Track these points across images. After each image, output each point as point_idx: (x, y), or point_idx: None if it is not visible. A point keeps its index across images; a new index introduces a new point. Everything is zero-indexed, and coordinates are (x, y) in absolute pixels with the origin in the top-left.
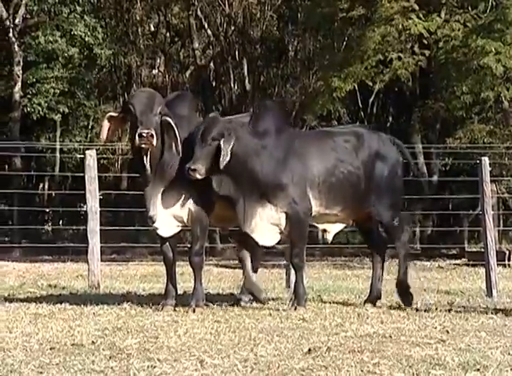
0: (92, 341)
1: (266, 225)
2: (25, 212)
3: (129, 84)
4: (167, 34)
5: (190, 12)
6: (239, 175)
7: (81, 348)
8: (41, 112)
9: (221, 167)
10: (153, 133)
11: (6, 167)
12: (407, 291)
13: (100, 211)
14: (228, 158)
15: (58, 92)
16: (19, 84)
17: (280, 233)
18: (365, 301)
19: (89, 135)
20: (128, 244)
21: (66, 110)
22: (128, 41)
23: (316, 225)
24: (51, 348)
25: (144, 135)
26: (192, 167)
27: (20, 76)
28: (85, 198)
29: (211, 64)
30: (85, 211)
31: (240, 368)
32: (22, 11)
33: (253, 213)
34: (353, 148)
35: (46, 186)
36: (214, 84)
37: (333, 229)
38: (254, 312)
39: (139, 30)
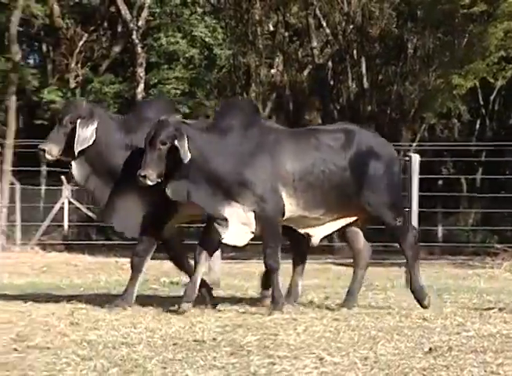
0: (213, 338)
1: (235, 224)
2: None
3: (248, 84)
4: (286, 34)
5: (309, 12)
6: (197, 176)
7: (203, 344)
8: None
9: (185, 162)
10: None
11: None
12: (422, 292)
13: None
14: (189, 155)
15: (179, 92)
16: (141, 85)
17: (252, 233)
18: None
19: None
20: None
21: (187, 110)
22: (247, 42)
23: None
24: (174, 344)
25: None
26: (142, 173)
27: (143, 77)
28: None
29: (329, 63)
30: None
31: (360, 366)
32: (145, 13)
33: (220, 213)
34: (340, 146)
35: None
36: (332, 82)
37: (317, 233)
38: (374, 311)
39: (258, 30)
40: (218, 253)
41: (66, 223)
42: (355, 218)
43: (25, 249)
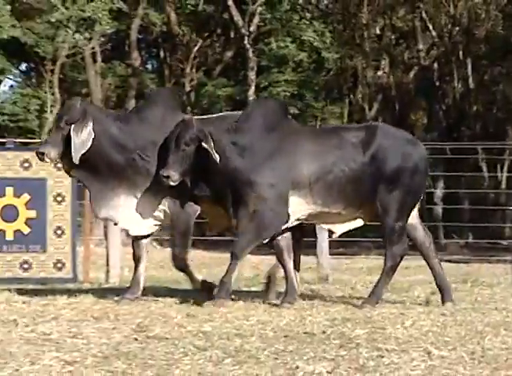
0: (323, 331)
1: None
2: None
3: (355, 86)
4: (392, 37)
5: (415, 15)
6: (216, 175)
7: (313, 336)
8: None
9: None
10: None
11: None
12: (377, 298)
13: None
14: (218, 157)
15: (288, 94)
16: (252, 87)
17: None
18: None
19: None
20: (354, 239)
21: (296, 112)
22: (354, 45)
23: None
24: (285, 336)
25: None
26: (165, 174)
27: (254, 80)
28: None
29: (435, 64)
30: None
31: (467, 360)
32: (256, 19)
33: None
34: (361, 143)
35: None
36: (437, 83)
37: (340, 229)
38: (480, 306)
39: (365, 33)
40: (326, 249)
41: None
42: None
43: None
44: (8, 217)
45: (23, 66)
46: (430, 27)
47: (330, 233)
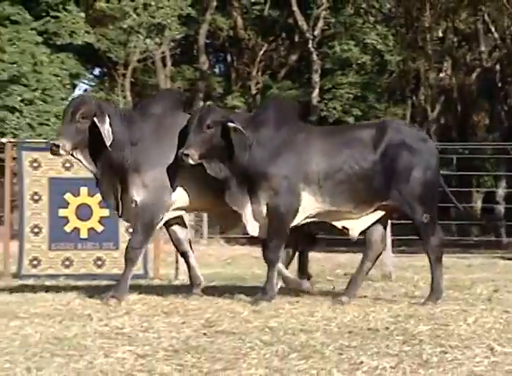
0: (386, 327)
1: (255, 215)
2: None
3: (417, 87)
4: (455, 39)
5: (477, 17)
6: (231, 164)
7: (376, 332)
8: (336, 115)
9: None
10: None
11: None
12: (438, 295)
13: None
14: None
15: (351, 96)
16: (316, 90)
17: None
18: None
19: None
20: (417, 237)
21: (359, 113)
22: (416, 47)
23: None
24: (349, 332)
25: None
26: (186, 152)
27: (318, 83)
28: None
29: (497, 66)
30: None
31: None
32: (320, 23)
33: (245, 204)
34: (371, 141)
35: None
36: (499, 85)
37: (355, 227)
38: None
39: (427, 36)
40: (388, 247)
41: None
42: (388, 212)
43: (211, 242)
44: (82, 216)
45: (97, 71)
46: (493, 29)
47: (346, 230)
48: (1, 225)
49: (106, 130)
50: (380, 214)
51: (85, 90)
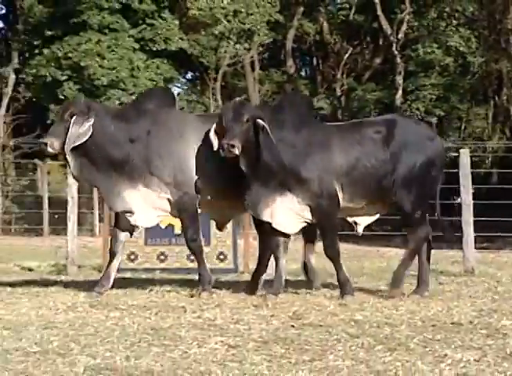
0: (470, 321)
1: (287, 212)
2: None
3: (500, 88)
4: None
5: None
6: (264, 161)
7: (460, 326)
8: (419, 115)
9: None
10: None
11: None
12: (398, 284)
13: (473, 204)
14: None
15: (434, 97)
16: (400, 91)
17: (304, 222)
18: None
19: (462, 136)
20: (499, 234)
21: (442, 113)
22: (499, 49)
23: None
24: (433, 326)
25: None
26: (231, 142)
27: (401, 84)
28: (459, 192)
29: None
30: (459, 204)
31: None
32: (404, 27)
33: (272, 199)
34: (381, 138)
35: None
36: None
37: (363, 221)
38: None
39: (510, 38)
40: (471, 243)
41: None
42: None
43: (298, 238)
44: None
45: (189, 75)
46: None
47: (355, 225)
48: (101, 223)
49: (74, 132)
50: (386, 210)
51: (178, 94)
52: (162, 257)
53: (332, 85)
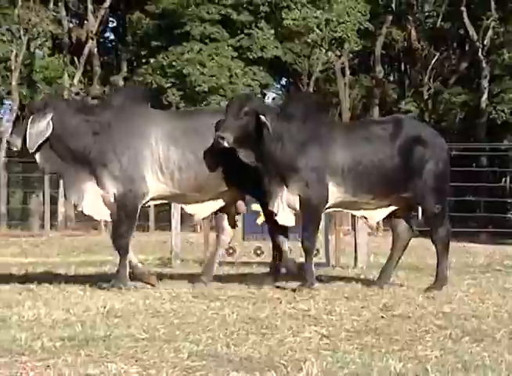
0: None
1: (285, 205)
2: (490, 202)
3: None
4: None
5: None
6: (264, 153)
7: None
8: (504, 117)
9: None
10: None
11: (474, 164)
12: (442, 284)
13: None
14: (270, 129)
15: None
16: (485, 95)
17: (295, 215)
18: None
19: None
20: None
21: None
22: None
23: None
24: None
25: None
26: (222, 135)
27: (487, 88)
28: None
29: None
30: None
31: None
32: (490, 33)
33: (275, 194)
34: (389, 136)
35: (508, 181)
36: None
37: (373, 216)
38: None
39: None
40: None
41: (419, 213)
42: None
43: (386, 234)
44: None
45: (283, 81)
46: None
47: (365, 219)
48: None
49: (33, 130)
50: (396, 205)
51: (273, 98)
52: (258, 251)
53: (419, 89)
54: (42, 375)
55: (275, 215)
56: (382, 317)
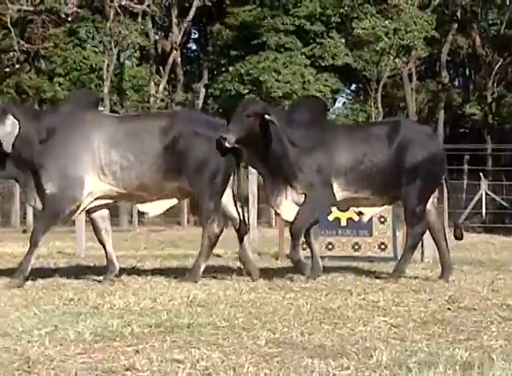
0: None
1: (290, 203)
2: None
3: None
4: None
5: None
6: (269, 155)
7: None
8: None
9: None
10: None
11: None
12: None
13: None
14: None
15: None
16: None
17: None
18: None
19: None
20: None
21: None
22: None
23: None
24: None
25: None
26: (224, 135)
27: None
28: None
29: None
30: None
31: None
32: None
33: (279, 192)
34: (386, 137)
35: None
36: None
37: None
38: None
39: None
40: None
41: (483, 211)
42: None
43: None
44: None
45: (353, 87)
46: None
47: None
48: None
49: (7, 127)
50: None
51: (344, 103)
52: (330, 246)
53: (483, 93)
54: (132, 359)
55: (279, 211)
56: (448, 309)
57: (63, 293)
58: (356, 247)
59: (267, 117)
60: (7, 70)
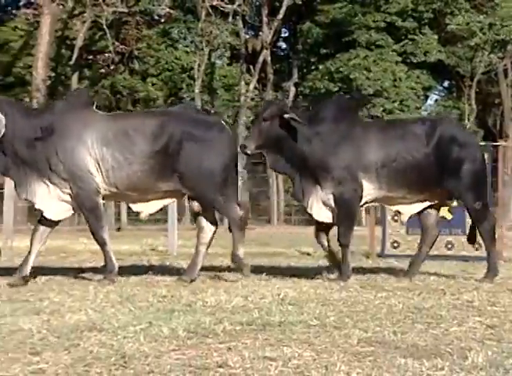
0: None
1: (320, 203)
2: None
3: None
4: None
5: None
6: (295, 155)
7: None
8: None
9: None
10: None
11: None
12: (492, 276)
13: None
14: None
15: None
16: None
17: (332, 212)
18: None
19: None
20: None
21: None
22: None
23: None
24: None
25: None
26: (243, 143)
27: None
28: None
29: None
30: None
31: None
32: None
33: (309, 192)
34: (424, 135)
35: None
36: None
37: (406, 211)
38: None
39: None
40: None
41: None
42: (437, 199)
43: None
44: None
45: (446, 83)
46: None
47: (399, 213)
48: (368, 214)
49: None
50: (430, 201)
51: (436, 100)
52: (449, 246)
53: None
54: (225, 356)
55: (311, 212)
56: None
57: (156, 290)
58: (449, 246)
59: (286, 116)
60: (102, 71)
